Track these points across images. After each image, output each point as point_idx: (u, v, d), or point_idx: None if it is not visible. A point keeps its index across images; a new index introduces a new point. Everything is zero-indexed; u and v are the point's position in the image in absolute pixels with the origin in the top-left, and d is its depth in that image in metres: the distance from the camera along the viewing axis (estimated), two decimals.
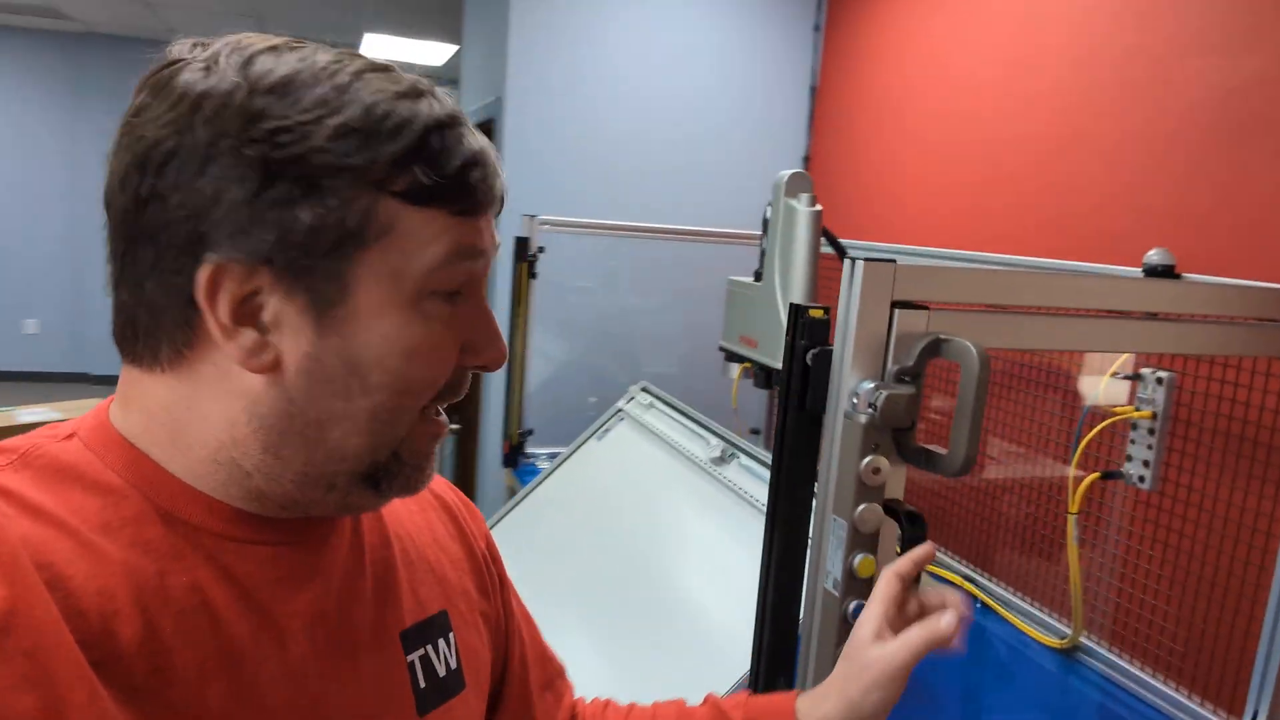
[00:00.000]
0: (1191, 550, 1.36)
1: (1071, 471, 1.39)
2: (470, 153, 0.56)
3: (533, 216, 2.32)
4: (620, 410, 2.16)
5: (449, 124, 0.56)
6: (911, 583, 0.80)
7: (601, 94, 2.85)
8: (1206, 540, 1.34)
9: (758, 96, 3.02)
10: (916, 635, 0.74)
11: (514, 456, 2.40)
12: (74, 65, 6.84)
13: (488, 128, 3.09)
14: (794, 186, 1.65)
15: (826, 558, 0.91)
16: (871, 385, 0.86)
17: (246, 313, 0.53)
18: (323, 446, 0.56)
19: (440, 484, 0.78)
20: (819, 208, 1.64)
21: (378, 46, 6.36)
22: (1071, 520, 1.40)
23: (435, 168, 0.54)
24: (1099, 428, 1.36)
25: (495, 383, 2.82)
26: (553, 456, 2.24)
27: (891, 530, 0.90)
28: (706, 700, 0.85)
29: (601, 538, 1.81)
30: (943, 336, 0.87)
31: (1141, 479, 1.38)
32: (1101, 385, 1.36)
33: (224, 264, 0.52)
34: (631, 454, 2.00)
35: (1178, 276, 1.32)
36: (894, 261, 0.87)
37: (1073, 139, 1.95)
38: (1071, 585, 1.44)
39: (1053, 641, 1.54)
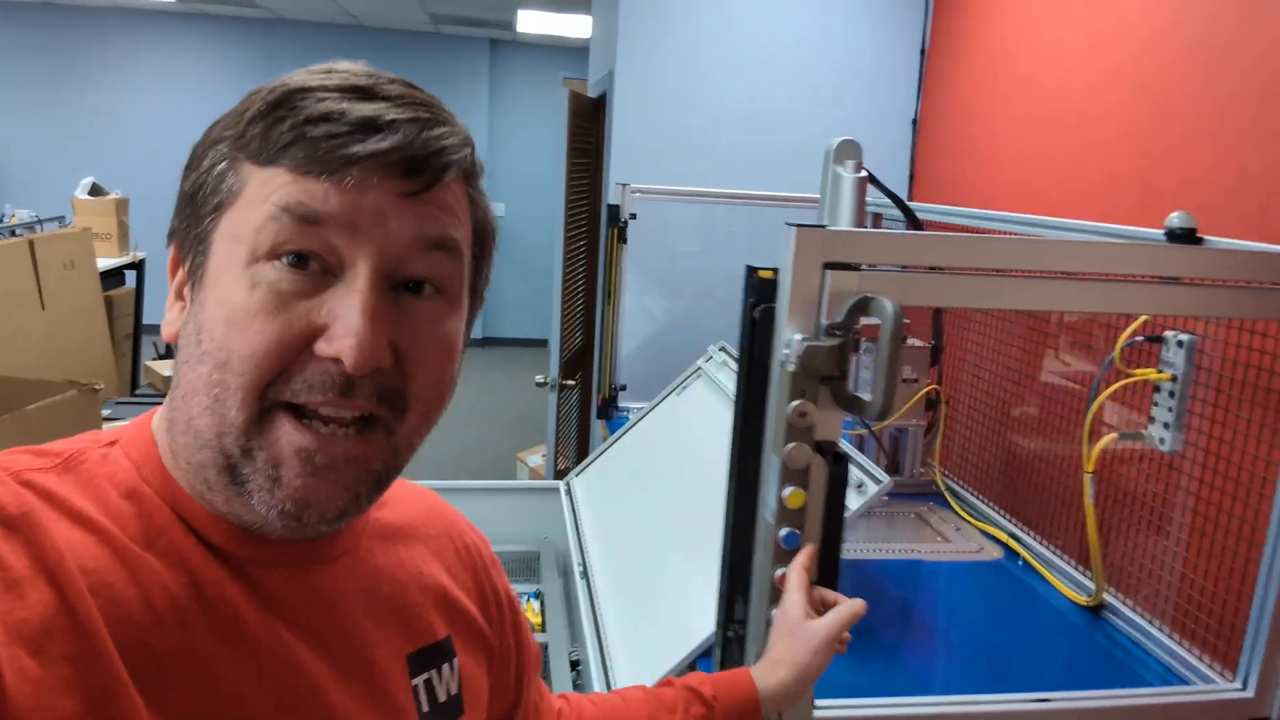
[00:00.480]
0: (1206, 513, 1.36)
1: (1086, 431, 1.41)
2: (323, 111, 0.52)
3: (624, 185, 2.46)
4: (699, 368, 2.28)
5: (315, 89, 0.53)
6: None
7: (708, 62, 2.94)
8: (1219, 503, 1.34)
9: (867, 58, 3.02)
10: (845, 609, 0.94)
11: (606, 409, 2.58)
12: (264, 50, 7.52)
13: (601, 101, 3.26)
14: (842, 154, 1.72)
15: (767, 491, 1.03)
16: (799, 338, 0.97)
17: (178, 289, 0.58)
18: (191, 427, 0.54)
19: (459, 517, 0.80)
20: (864, 174, 1.70)
21: (531, 22, 6.64)
22: (1088, 479, 1.43)
23: (277, 124, 0.52)
24: (1110, 390, 1.38)
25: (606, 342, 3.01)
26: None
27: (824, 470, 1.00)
28: (667, 682, 0.93)
29: (663, 481, 1.96)
30: (869, 295, 0.96)
31: (1162, 440, 1.39)
32: (1117, 350, 1.38)
33: (173, 247, 0.58)
34: (701, 408, 2.13)
35: (1199, 240, 1.32)
36: (824, 227, 0.97)
37: (1158, 105, 1.90)
38: (1090, 544, 1.47)
39: (1082, 599, 1.57)
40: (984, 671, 1.39)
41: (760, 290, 1.03)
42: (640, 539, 1.82)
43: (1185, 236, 1.31)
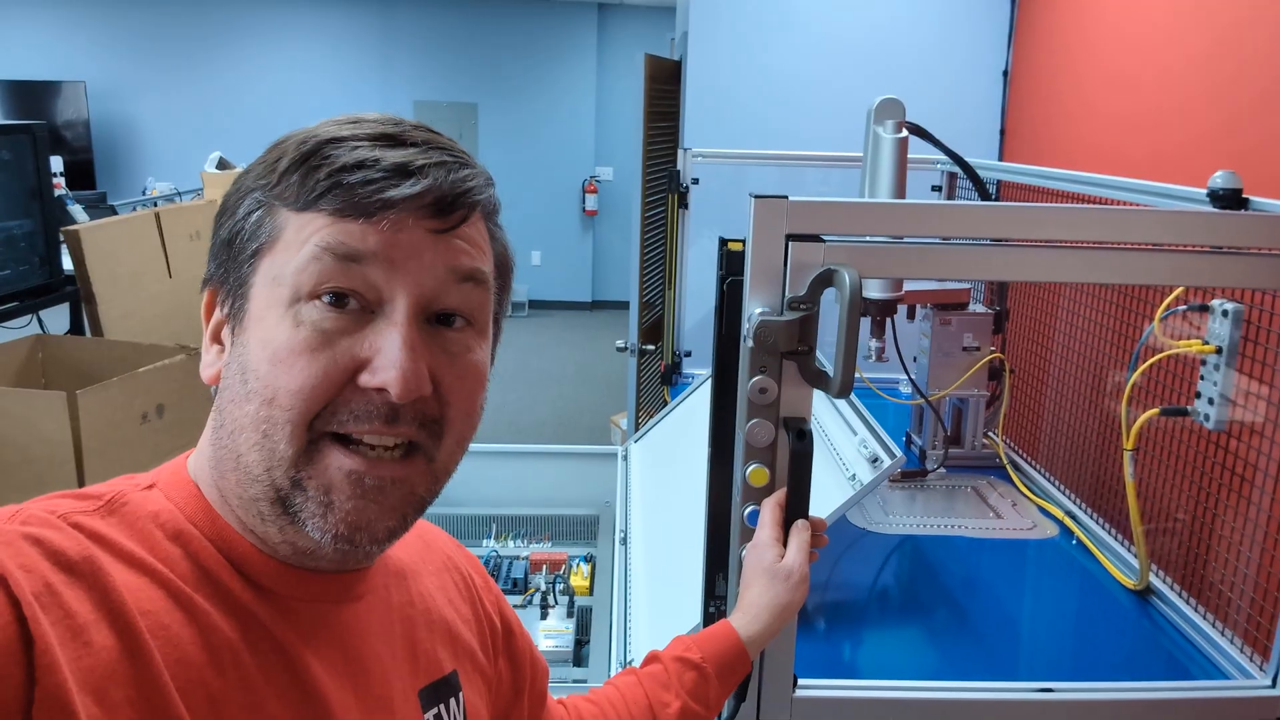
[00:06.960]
0: (1251, 496, 1.26)
1: (1123, 406, 1.33)
2: (357, 159, 0.55)
3: (686, 149, 2.44)
4: None
5: (347, 139, 0.56)
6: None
7: (785, 14, 2.86)
8: (1262, 485, 1.24)
9: (956, 4, 2.87)
10: (803, 534, 0.95)
11: (669, 375, 2.59)
12: (383, 29, 7.81)
13: (679, 66, 3.22)
14: (881, 113, 1.65)
15: (737, 469, 1.01)
16: (758, 312, 0.95)
17: (215, 331, 0.60)
18: (240, 464, 0.56)
19: (451, 544, 0.81)
20: (904, 134, 1.63)
21: None
22: (1127, 457, 1.35)
23: (313, 172, 0.55)
24: (1149, 362, 1.29)
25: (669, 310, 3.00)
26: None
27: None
28: (654, 657, 0.93)
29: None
30: (832, 266, 0.93)
31: (1207, 417, 1.30)
32: (1156, 321, 1.28)
33: (208, 292, 0.61)
34: None
35: (1244, 202, 1.21)
36: (785, 197, 0.94)
37: (1238, 62, 1.74)
38: (1133, 524, 1.39)
39: (1129, 582, 1.49)
40: (1003, 656, 1.34)
41: (730, 263, 1.01)
42: (679, 507, 1.82)
43: (1229, 199, 1.21)
